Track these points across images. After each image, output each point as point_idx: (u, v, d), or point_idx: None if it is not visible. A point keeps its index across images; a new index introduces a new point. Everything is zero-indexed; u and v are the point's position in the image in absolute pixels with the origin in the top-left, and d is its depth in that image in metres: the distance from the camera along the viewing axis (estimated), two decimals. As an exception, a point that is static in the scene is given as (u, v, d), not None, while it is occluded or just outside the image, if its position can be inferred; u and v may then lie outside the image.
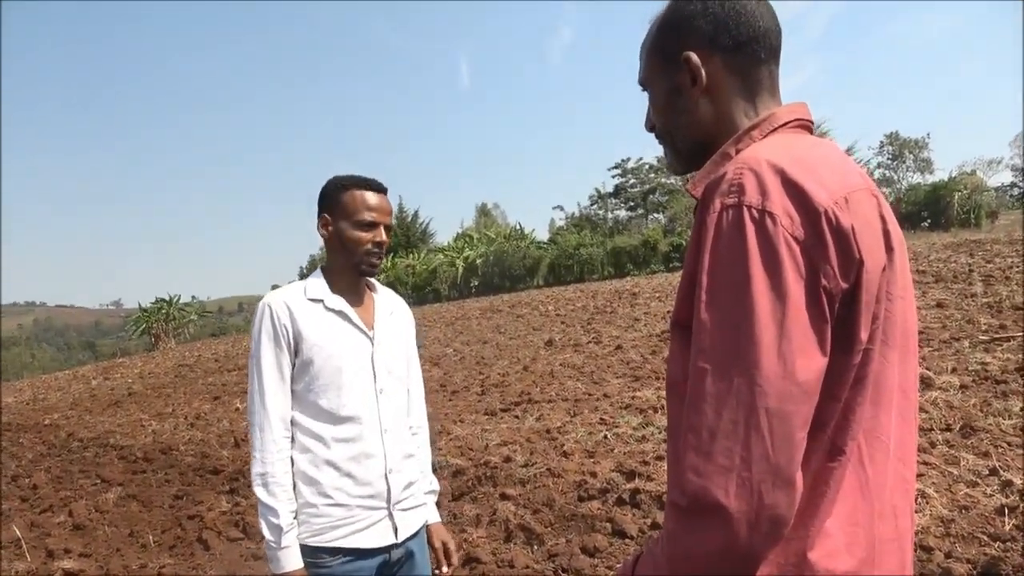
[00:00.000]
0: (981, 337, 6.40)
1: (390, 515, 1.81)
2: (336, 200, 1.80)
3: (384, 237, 1.81)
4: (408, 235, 38.02)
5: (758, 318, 0.76)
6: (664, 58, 1.01)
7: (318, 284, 1.84)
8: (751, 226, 0.79)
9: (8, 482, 6.81)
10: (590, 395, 6.70)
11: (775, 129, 0.95)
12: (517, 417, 6.27)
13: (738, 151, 0.94)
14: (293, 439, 1.77)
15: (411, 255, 33.96)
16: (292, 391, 1.78)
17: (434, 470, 2.07)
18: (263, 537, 1.71)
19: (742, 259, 0.78)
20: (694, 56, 0.97)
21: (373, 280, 1.96)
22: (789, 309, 0.76)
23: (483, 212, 49.31)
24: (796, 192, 0.80)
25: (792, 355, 0.76)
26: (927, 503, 3.31)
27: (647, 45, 1.05)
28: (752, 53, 0.97)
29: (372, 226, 1.79)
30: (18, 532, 4.87)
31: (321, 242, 1.89)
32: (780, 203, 0.79)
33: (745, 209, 0.80)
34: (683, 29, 0.99)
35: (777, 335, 0.76)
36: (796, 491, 0.76)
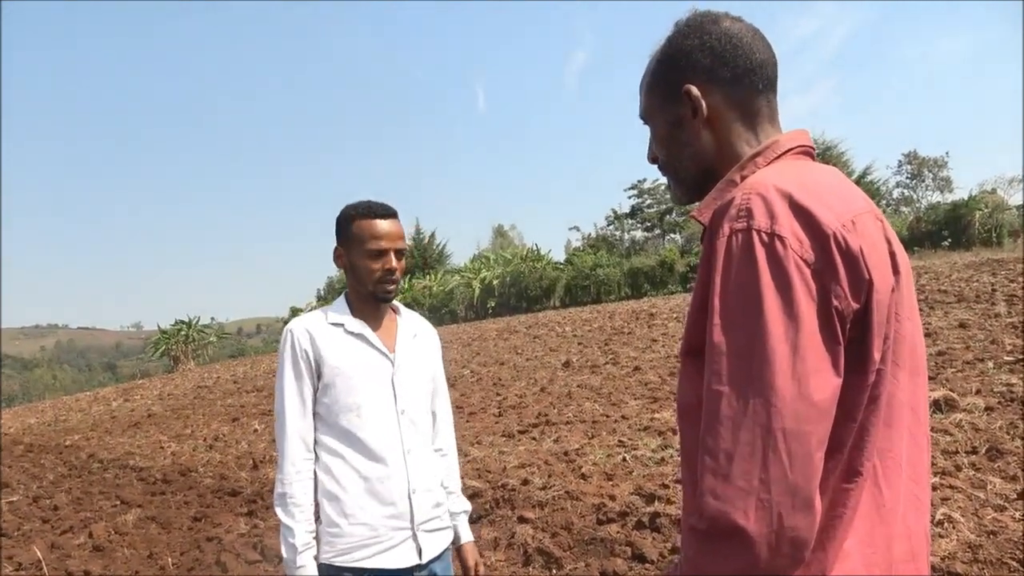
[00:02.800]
0: (1006, 358, 6.29)
1: (414, 536, 1.82)
2: (347, 231, 1.84)
3: (394, 264, 1.83)
4: (425, 256, 38.22)
5: (771, 340, 0.77)
6: (665, 92, 1.04)
7: (339, 309, 1.89)
8: (761, 249, 0.80)
9: (29, 503, 6.87)
10: (608, 417, 6.66)
11: (779, 156, 0.97)
12: (535, 439, 6.24)
13: (743, 178, 0.96)
14: (317, 459, 1.81)
15: (428, 276, 34.08)
16: (316, 413, 1.82)
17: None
18: (282, 557, 1.73)
19: (753, 282, 0.79)
20: (694, 89, 1.00)
21: (398, 303, 2.00)
22: (802, 330, 0.77)
23: (499, 233, 49.47)
24: (804, 215, 0.82)
25: (807, 376, 0.76)
26: (954, 528, 3.24)
27: (647, 79, 1.08)
28: (750, 84, 1.00)
29: (382, 254, 1.81)
30: (39, 553, 4.90)
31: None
32: (789, 226, 0.81)
33: (754, 233, 0.81)
34: (682, 63, 1.01)
35: (791, 356, 0.77)
36: (816, 512, 0.77)
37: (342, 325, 1.85)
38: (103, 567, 4.63)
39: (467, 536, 2.03)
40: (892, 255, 0.89)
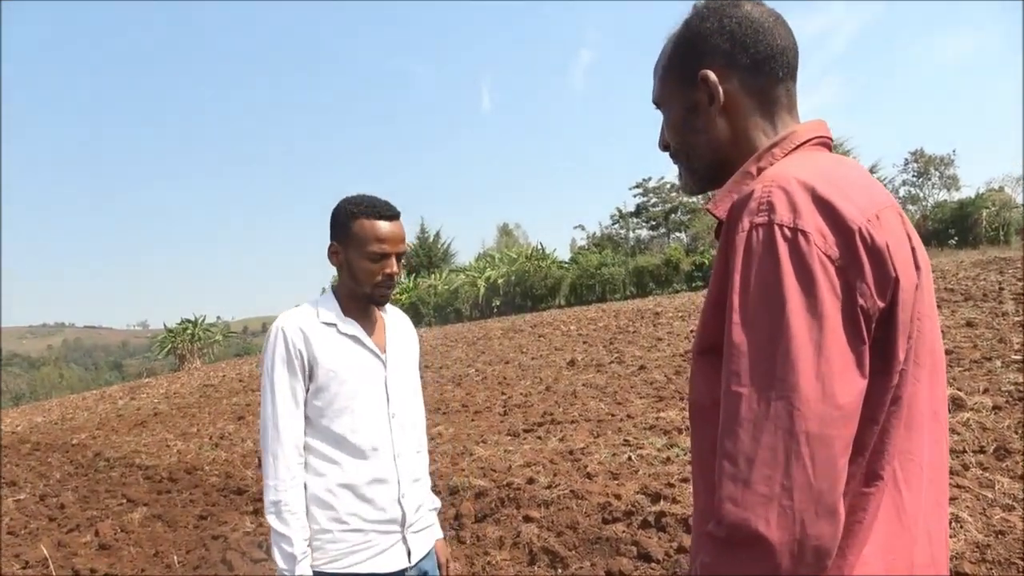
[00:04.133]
0: (1014, 357, 6.24)
1: (404, 539, 1.81)
2: (346, 229, 1.75)
3: (395, 268, 1.78)
4: (430, 255, 38.18)
5: (795, 340, 0.74)
6: (680, 77, 1.00)
7: (330, 307, 1.81)
8: (783, 245, 0.77)
9: (36, 501, 6.89)
10: (613, 416, 6.64)
11: (797, 147, 0.93)
12: (540, 438, 6.23)
13: (760, 169, 0.92)
14: (306, 464, 1.75)
15: (433, 275, 34.05)
16: (305, 416, 1.76)
17: (455, 492, 2.07)
18: (278, 567, 1.68)
19: (775, 279, 0.76)
20: (711, 74, 0.96)
21: None
22: (826, 330, 0.74)
23: (504, 232, 49.32)
24: (828, 210, 0.78)
25: (831, 377, 0.73)
26: (961, 528, 3.22)
27: (662, 63, 1.04)
28: (770, 71, 0.96)
29: (383, 257, 1.75)
30: (45, 551, 4.91)
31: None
32: (812, 221, 0.77)
33: (776, 228, 0.78)
34: (700, 47, 0.97)
35: (815, 357, 0.73)
36: (840, 520, 0.73)
37: (335, 325, 1.78)
38: (109, 565, 4.63)
39: (438, 533, 2.01)
40: (913, 250, 0.86)
